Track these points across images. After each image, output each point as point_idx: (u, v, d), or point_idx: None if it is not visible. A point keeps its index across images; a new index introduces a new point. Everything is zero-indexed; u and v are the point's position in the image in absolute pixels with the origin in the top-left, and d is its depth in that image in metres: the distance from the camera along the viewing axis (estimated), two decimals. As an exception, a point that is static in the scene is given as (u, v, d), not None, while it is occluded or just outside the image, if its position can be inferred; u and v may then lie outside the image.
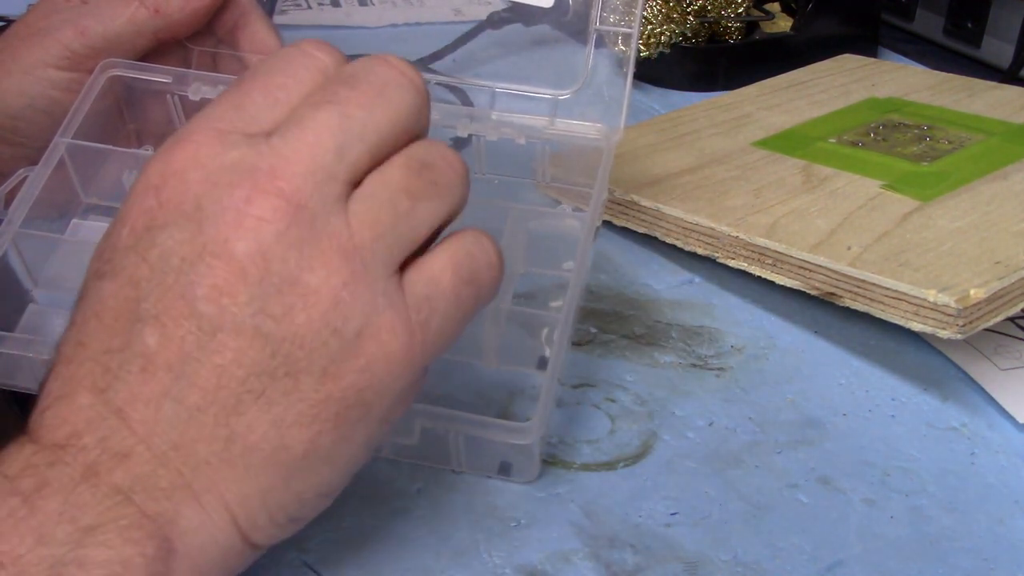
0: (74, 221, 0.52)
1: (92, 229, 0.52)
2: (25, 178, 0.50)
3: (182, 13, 0.52)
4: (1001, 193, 0.59)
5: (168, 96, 0.54)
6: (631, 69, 0.51)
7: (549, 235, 0.50)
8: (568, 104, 0.52)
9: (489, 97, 0.54)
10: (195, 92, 0.53)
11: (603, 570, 0.41)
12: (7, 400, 0.51)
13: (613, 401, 0.50)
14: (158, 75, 0.53)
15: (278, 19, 0.56)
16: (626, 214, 0.60)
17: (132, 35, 0.52)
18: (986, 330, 0.51)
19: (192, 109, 0.55)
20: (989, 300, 0.49)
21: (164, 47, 0.54)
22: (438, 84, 0.63)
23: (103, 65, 0.52)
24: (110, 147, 0.52)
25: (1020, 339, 0.54)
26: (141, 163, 0.52)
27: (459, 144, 0.53)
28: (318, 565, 0.41)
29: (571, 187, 0.55)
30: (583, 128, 0.51)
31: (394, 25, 0.90)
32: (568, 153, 0.52)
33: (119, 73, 0.53)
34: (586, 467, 0.46)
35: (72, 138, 0.51)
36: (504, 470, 0.45)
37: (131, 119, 0.56)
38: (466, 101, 0.70)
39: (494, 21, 0.80)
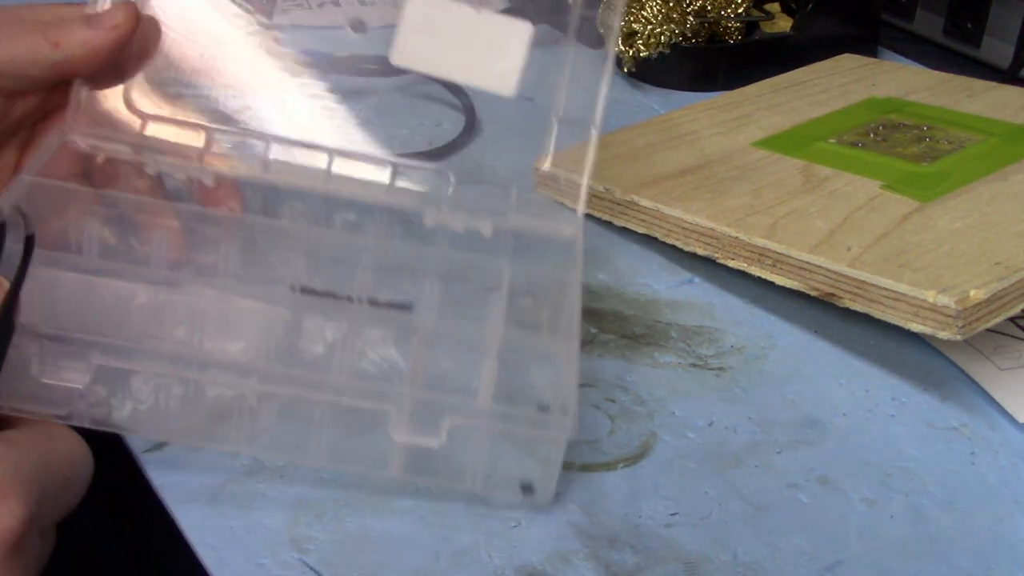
0: None
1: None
2: None
3: (83, 50, 0.48)
4: (1001, 194, 0.59)
5: (122, 165, 0.51)
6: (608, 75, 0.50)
7: (542, 239, 0.48)
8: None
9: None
10: (152, 166, 0.50)
11: (603, 570, 0.41)
12: None
13: (613, 401, 0.50)
14: (115, 143, 0.50)
15: (279, 19, 0.56)
16: (626, 214, 0.60)
17: (28, 63, 0.49)
18: (986, 330, 0.50)
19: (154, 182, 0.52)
20: (989, 301, 0.49)
21: (63, 83, 0.50)
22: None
23: (57, 131, 0.49)
24: (54, 207, 0.49)
25: (1020, 339, 0.54)
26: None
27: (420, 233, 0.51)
28: (318, 565, 0.41)
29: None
30: (548, 221, 0.50)
31: (395, 25, 0.90)
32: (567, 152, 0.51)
33: (74, 139, 0.50)
34: (586, 467, 0.46)
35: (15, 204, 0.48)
36: (527, 490, 0.43)
37: (91, 183, 0.52)
38: (466, 101, 0.70)
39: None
